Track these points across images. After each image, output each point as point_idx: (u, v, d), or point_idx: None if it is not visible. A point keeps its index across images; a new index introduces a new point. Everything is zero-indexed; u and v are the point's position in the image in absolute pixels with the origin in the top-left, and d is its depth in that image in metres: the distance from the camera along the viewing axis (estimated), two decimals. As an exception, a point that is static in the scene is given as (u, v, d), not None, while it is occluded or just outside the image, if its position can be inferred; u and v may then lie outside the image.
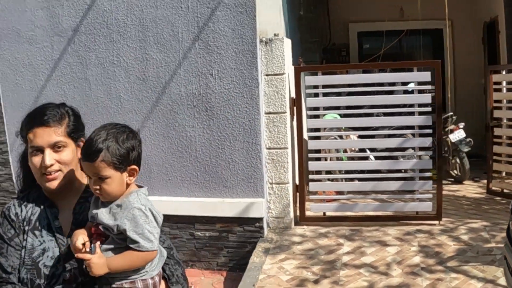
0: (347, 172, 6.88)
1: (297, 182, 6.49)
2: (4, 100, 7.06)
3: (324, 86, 6.47)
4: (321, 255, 5.47)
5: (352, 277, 4.97)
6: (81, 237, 1.97)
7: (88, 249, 1.96)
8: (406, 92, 6.69)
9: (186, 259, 6.24)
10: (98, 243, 1.99)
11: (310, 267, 5.24)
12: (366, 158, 7.16)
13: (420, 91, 6.25)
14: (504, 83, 7.03)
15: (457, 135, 7.81)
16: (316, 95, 6.42)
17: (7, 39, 6.95)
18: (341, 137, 7.16)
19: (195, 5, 6.14)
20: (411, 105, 6.44)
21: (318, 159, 6.91)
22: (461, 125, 7.93)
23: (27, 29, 6.85)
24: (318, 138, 6.72)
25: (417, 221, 6.19)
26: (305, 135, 6.50)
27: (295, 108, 6.30)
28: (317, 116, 6.50)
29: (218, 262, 6.16)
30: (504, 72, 7.00)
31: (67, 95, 6.75)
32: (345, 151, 7.21)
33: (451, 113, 8.13)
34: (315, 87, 6.46)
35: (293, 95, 6.31)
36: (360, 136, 6.95)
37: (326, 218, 6.37)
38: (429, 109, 6.14)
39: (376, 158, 6.78)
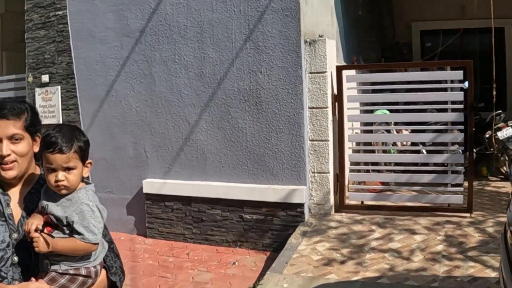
0: (387, 164, 7.38)
1: (337, 172, 7.07)
2: (79, 94, 8.08)
3: (372, 84, 7.03)
4: (353, 239, 6.08)
5: (376, 260, 5.55)
6: (37, 221, 2.16)
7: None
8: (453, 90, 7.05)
9: (235, 239, 6.99)
10: (47, 229, 2.18)
11: (340, 249, 5.87)
12: (404, 151, 7.61)
13: (453, 89, 6.69)
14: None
15: (505, 132, 8.11)
16: (365, 91, 6.97)
17: (82, 39, 7.94)
18: (388, 131, 7.63)
19: (247, 9, 6.83)
20: (458, 102, 6.82)
21: (358, 151, 7.47)
22: (510, 122, 8.21)
23: (100, 31, 7.80)
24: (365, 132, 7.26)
25: (449, 213, 6.64)
26: (346, 129, 7.04)
27: (336, 103, 6.86)
28: (369, 111, 7.04)
29: (263, 243, 6.86)
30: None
31: (134, 89, 7.65)
32: (394, 144, 7.71)
33: (500, 111, 8.41)
34: (364, 84, 7.01)
35: (335, 91, 6.88)
36: (412, 131, 7.36)
37: (364, 207, 6.94)
38: (460, 106, 6.57)
39: (413, 151, 7.25)
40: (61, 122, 8.25)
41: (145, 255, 6.89)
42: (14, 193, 2.31)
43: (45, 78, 8.42)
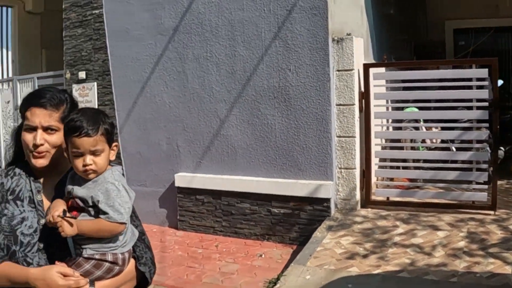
0: (415, 161, 7.52)
1: (363, 168, 7.24)
2: (115, 90, 8.43)
3: (396, 81, 7.19)
4: (376, 234, 6.26)
5: (398, 255, 5.72)
6: (59, 206, 2.15)
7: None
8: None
9: (263, 233, 7.23)
10: (73, 213, 2.18)
11: (363, 243, 6.05)
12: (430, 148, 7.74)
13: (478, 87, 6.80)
14: None
15: None
16: (394, 89, 7.13)
17: (118, 37, 8.30)
18: (416, 128, 7.74)
19: (276, 8, 7.05)
20: (485, 100, 6.92)
21: (385, 147, 7.63)
22: None
23: (135, 29, 8.13)
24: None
25: (473, 210, 6.75)
26: (372, 125, 7.19)
27: (363, 101, 7.03)
28: (396, 109, 7.20)
29: (290, 237, 7.08)
30: None
31: (167, 86, 7.95)
32: (423, 141, 7.84)
33: None
34: (393, 81, 7.17)
35: (362, 89, 7.05)
36: (442, 128, 7.48)
37: (389, 203, 7.10)
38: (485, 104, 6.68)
39: (442, 149, 7.38)
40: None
41: (175, 246, 7.19)
42: (45, 182, 2.33)
43: (82, 74, 8.81)
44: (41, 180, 2.33)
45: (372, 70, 7.03)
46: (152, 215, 8.13)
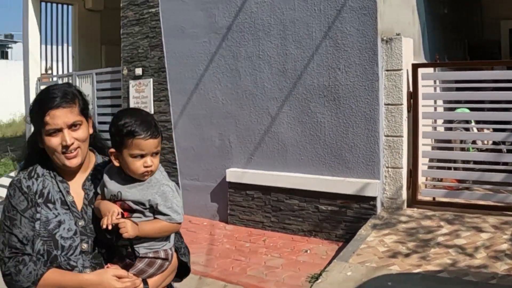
0: (465, 161, 7.58)
1: (410, 167, 7.36)
2: (170, 86, 8.83)
3: (457, 81, 7.29)
4: (420, 234, 6.39)
5: (439, 255, 5.86)
6: (114, 208, 2.17)
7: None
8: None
9: (310, 229, 7.46)
10: (125, 214, 2.21)
11: (406, 242, 6.21)
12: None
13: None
14: None
15: None
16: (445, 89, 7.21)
17: (173, 35, 8.69)
18: (466, 129, 7.78)
19: (326, 7, 7.25)
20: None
21: (433, 148, 7.73)
22: None
23: (190, 27, 8.50)
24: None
25: (520, 213, 6.80)
26: (420, 125, 7.30)
27: (411, 100, 7.15)
28: (450, 109, 7.30)
29: (336, 234, 7.28)
30: None
31: (221, 83, 8.28)
32: (473, 142, 7.89)
33: None
34: (447, 81, 7.26)
35: (411, 89, 7.17)
36: (494, 130, 7.52)
37: (436, 203, 7.19)
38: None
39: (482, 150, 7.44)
40: (152, 112, 9.02)
41: (224, 239, 7.51)
42: (73, 180, 2.33)
43: (139, 71, 9.24)
44: (68, 178, 2.34)
45: (421, 70, 7.13)
46: (203, 209, 8.48)
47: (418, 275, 5.51)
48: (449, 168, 7.56)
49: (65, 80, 11.56)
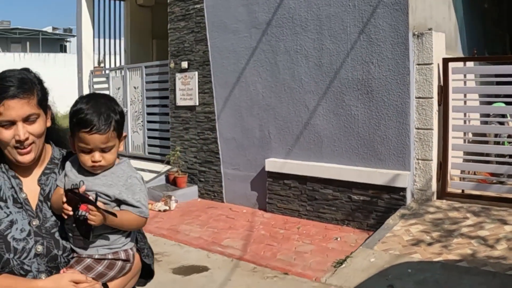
0: (498, 155, 7.66)
1: (440, 160, 7.49)
2: (214, 79, 9.23)
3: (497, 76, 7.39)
4: (445, 224, 6.56)
5: (461, 245, 6.02)
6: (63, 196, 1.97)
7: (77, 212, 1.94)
8: None
9: (343, 218, 7.71)
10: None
11: (431, 232, 6.39)
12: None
13: None
14: None
15: None
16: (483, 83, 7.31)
17: (217, 30, 9.07)
18: (501, 123, 7.86)
19: (360, 3, 7.46)
20: None
21: (464, 141, 7.84)
22: None
23: (232, 22, 8.86)
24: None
25: (547, 207, 6.86)
26: (450, 119, 7.42)
27: (442, 94, 7.29)
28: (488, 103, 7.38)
29: (368, 223, 7.49)
30: None
31: (261, 76, 8.60)
32: (509, 136, 7.95)
33: None
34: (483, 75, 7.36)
35: (441, 83, 7.30)
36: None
37: (464, 195, 7.30)
38: None
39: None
40: (197, 104, 9.43)
41: (260, 226, 7.85)
42: (26, 176, 2.09)
43: (185, 64, 9.67)
44: (21, 173, 2.09)
45: (451, 65, 7.25)
46: (243, 197, 8.84)
47: (438, 264, 5.71)
48: (482, 162, 7.67)
49: (117, 73, 12.16)
